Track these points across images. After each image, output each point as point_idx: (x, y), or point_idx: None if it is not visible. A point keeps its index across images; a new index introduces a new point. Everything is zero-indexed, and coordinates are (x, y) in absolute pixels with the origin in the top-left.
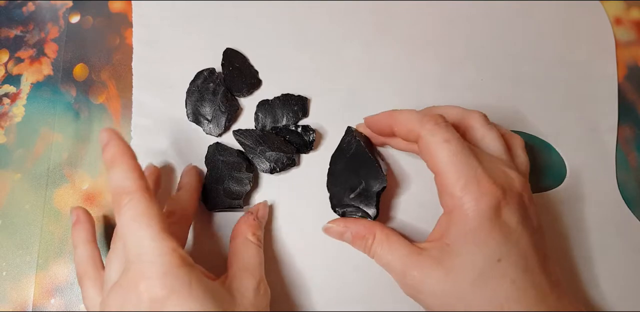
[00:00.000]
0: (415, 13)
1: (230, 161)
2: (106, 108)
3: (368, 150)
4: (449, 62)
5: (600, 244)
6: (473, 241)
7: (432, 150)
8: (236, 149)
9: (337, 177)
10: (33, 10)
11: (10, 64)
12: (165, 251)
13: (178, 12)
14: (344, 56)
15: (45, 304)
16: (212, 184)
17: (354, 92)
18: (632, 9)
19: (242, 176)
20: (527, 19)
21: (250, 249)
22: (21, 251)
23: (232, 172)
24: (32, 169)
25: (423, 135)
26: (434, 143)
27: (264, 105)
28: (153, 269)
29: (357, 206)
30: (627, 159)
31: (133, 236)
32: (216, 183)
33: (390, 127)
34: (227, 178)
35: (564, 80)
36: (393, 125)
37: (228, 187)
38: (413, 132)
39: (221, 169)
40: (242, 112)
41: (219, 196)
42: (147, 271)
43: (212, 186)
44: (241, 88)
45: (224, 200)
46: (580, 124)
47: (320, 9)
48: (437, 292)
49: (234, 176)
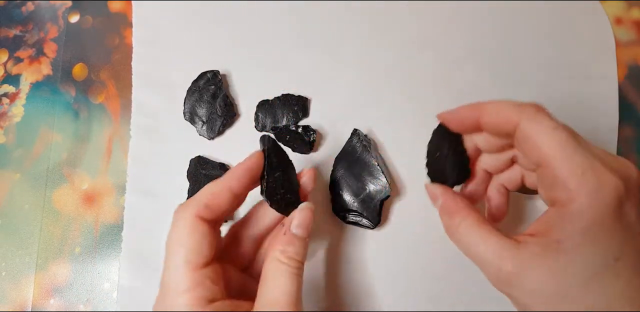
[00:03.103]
0: (416, 13)
1: (213, 174)
2: (105, 108)
3: (374, 155)
4: (449, 62)
5: None
6: (592, 238)
7: (537, 139)
8: (218, 162)
9: (341, 180)
10: (32, 10)
11: (10, 63)
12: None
13: (178, 12)
14: (344, 56)
15: (45, 305)
16: None
17: (354, 92)
18: (632, 9)
19: None
20: (527, 19)
21: (279, 275)
22: (20, 251)
23: None
24: (31, 169)
25: (524, 124)
26: (539, 131)
27: (264, 105)
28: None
29: (361, 212)
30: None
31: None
32: None
33: (477, 119)
34: None
35: (564, 80)
36: (481, 117)
37: None
38: (509, 122)
39: (204, 182)
40: (239, 118)
41: None
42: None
43: None
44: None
45: None
46: (580, 124)
47: (321, 9)
48: (537, 290)
49: None
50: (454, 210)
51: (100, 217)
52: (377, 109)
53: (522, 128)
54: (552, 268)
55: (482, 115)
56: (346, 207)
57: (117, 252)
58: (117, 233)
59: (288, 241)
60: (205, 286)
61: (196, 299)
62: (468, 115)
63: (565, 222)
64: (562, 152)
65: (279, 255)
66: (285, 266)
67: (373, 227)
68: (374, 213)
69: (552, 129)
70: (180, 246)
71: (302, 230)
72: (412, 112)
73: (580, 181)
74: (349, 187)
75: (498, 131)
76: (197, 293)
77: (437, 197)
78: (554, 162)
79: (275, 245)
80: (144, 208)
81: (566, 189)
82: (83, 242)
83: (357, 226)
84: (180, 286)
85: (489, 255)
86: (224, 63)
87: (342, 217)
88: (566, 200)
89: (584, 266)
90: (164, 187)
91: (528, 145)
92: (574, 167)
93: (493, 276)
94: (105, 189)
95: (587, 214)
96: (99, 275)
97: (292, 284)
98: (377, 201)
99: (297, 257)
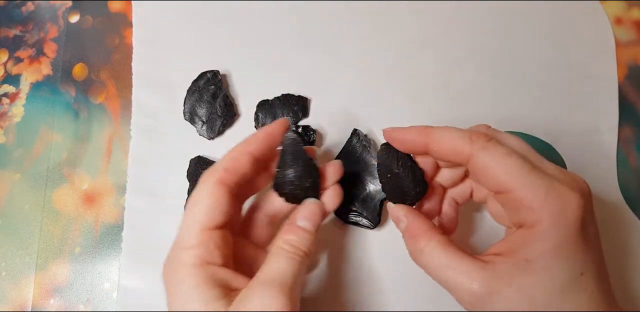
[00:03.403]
0: (415, 13)
1: None
2: (105, 108)
3: (374, 155)
4: (449, 62)
5: (601, 244)
6: (560, 256)
7: (493, 167)
8: None
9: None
10: (32, 9)
11: (10, 63)
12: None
13: (178, 12)
14: (344, 56)
15: (45, 305)
16: None
17: (354, 92)
18: (632, 9)
19: None
20: (527, 19)
21: (279, 257)
22: (20, 251)
23: None
24: (31, 169)
25: (477, 156)
26: (493, 160)
27: (264, 105)
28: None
29: (361, 212)
30: (628, 159)
31: None
32: None
33: (425, 146)
34: None
35: (564, 80)
36: (430, 144)
37: None
38: (460, 153)
39: None
40: (239, 118)
41: None
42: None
43: None
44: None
45: None
46: (580, 124)
47: (321, 9)
48: (510, 309)
49: None
50: (418, 233)
51: (100, 217)
52: (377, 109)
53: (475, 160)
54: (523, 286)
55: (431, 143)
56: (346, 207)
57: (117, 252)
58: (117, 233)
59: (291, 230)
60: (206, 247)
61: (195, 257)
62: (416, 139)
63: (533, 242)
64: (520, 178)
65: (281, 243)
66: (285, 251)
67: (373, 227)
68: (374, 213)
69: (504, 155)
70: (195, 205)
71: (307, 222)
72: (412, 112)
73: (544, 202)
74: (348, 187)
75: (447, 160)
76: (198, 251)
77: (401, 219)
78: (515, 188)
79: (280, 234)
80: (144, 208)
81: (531, 211)
82: (83, 242)
83: (357, 226)
84: (185, 242)
85: (458, 278)
86: (224, 63)
87: (342, 218)
88: (532, 221)
89: (553, 283)
90: (164, 187)
91: (485, 175)
92: (535, 190)
93: (465, 298)
94: (105, 189)
95: (554, 233)
96: (99, 275)
97: (289, 266)
98: (377, 201)
99: (301, 246)
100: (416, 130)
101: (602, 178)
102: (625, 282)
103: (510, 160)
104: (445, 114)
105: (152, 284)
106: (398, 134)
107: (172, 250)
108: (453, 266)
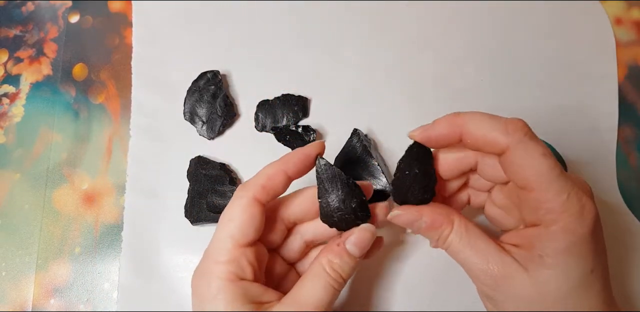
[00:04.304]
0: (415, 13)
1: (213, 174)
2: (105, 108)
3: (374, 155)
4: (449, 62)
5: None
6: (574, 255)
7: (526, 166)
8: (219, 162)
9: None
10: (32, 10)
11: (10, 63)
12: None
13: (178, 12)
14: (344, 56)
15: (45, 305)
16: (195, 198)
17: (354, 92)
18: (632, 9)
19: (225, 189)
20: (527, 19)
21: (317, 281)
22: (21, 251)
23: (215, 186)
24: (31, 169)
25: (514, 150)
26: (529, 159)
27: (264, 106)
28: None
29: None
30: (627, 159)
31: None
32: (199, 197)
33: (458, 137)
34: (210, 192)
35: (564, 80)
36: (464, 135)
37: (211, 201)
38: (496, 145)
39: (204, 182)
40: (239, 118)
41: (202, 210)
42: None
43: (195, 200)
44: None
45: (207, 214)
46: (580, 124)
47: (321, 9)
48: (520, 295)
49: (217, 189)
50: (439, 222)
51: (100, 217)
52: (377, 109)
53: (511, 155)
54: (536, 279)
55: (465, 134)
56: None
57: (117, 252)
58: (117, 233)
59: (338, 252)
60: (239, 264)
61: (228, 273)
62: (448, 132)
63: (548, 240)
64: (548, 181)
65: (325, 263)
66: (326, 274)
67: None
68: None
69: (541, 156)
70: (230, 220)
71: (355, 248)
72: (412, 112)
73: (565, 206)
74: None
75: (481, 150)
76: (231, 267)
77: (417, 218)
78: (540, 189)
79: (326, 252)
80: (144, 208)
81: (552, 211)
82: (83, 242)
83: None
84: (218, 256)
85: (476, 259)
86: (224, 63)
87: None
88: (551, 221)
89: (565, 280)
90: (164, 187)
91: (516, 170)
92: (559, 194)
93: (479, 280)
94: (105, 189)
95: (571, 233)
96: (99, 275)
97: (326, 295)
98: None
99: (342, 272)
100: (447, 123)
101: (602, 178)
102: (623, 282)
103: (545, 161)
104: (445, 114)
105: (152, 284)
106: (429, 133)
107: (203, 261)
108: (473, 248)
